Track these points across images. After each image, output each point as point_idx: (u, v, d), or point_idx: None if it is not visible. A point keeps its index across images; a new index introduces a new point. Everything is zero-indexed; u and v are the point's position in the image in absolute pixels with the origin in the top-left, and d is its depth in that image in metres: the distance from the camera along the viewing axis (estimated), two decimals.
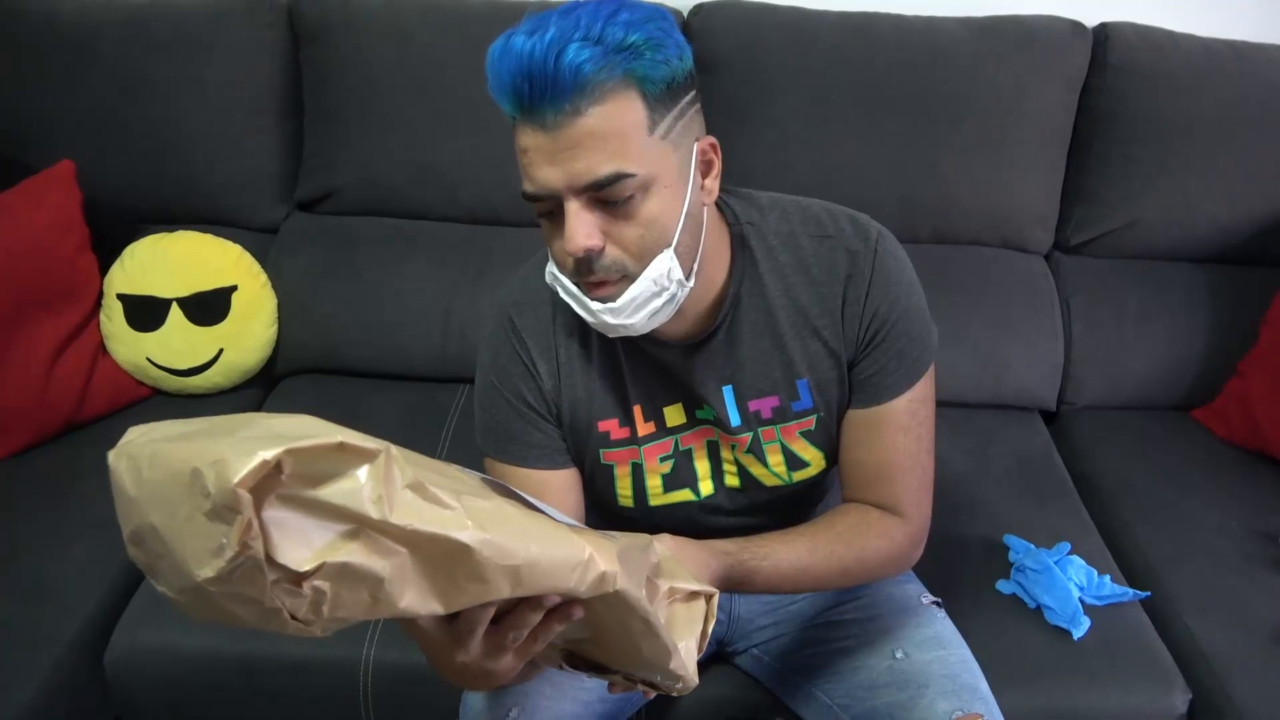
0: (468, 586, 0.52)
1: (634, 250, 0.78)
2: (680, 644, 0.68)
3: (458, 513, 0.51)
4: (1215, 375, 1.61)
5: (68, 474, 1.40)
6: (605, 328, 0.83)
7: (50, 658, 1.15)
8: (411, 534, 0.49)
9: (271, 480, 0.44)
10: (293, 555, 0.46)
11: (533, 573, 0.54)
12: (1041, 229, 1.69)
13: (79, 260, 1.52)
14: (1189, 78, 1.58)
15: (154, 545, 0.48)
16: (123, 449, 0.50)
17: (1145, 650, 1.20)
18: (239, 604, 0.47)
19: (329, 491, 0.46)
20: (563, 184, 0.74)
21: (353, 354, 1.63)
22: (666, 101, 0.76)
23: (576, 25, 0.71)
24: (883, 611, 1.03)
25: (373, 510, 0.47)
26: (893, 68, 1.58)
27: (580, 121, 0.72)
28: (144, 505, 0.48)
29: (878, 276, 0.88)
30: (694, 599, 0.72)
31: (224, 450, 0.44)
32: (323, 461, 0.46)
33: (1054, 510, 1.40)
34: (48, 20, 1.61)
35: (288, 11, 1.65)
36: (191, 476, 0.44)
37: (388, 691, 1.18)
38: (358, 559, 0.47)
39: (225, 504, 0.43)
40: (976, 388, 1.60)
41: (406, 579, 0.50)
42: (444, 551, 0.50)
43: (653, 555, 0.68)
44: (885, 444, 0.92)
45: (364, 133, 1.64)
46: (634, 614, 0.63)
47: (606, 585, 0.58)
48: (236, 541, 0.44)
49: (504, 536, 0.52)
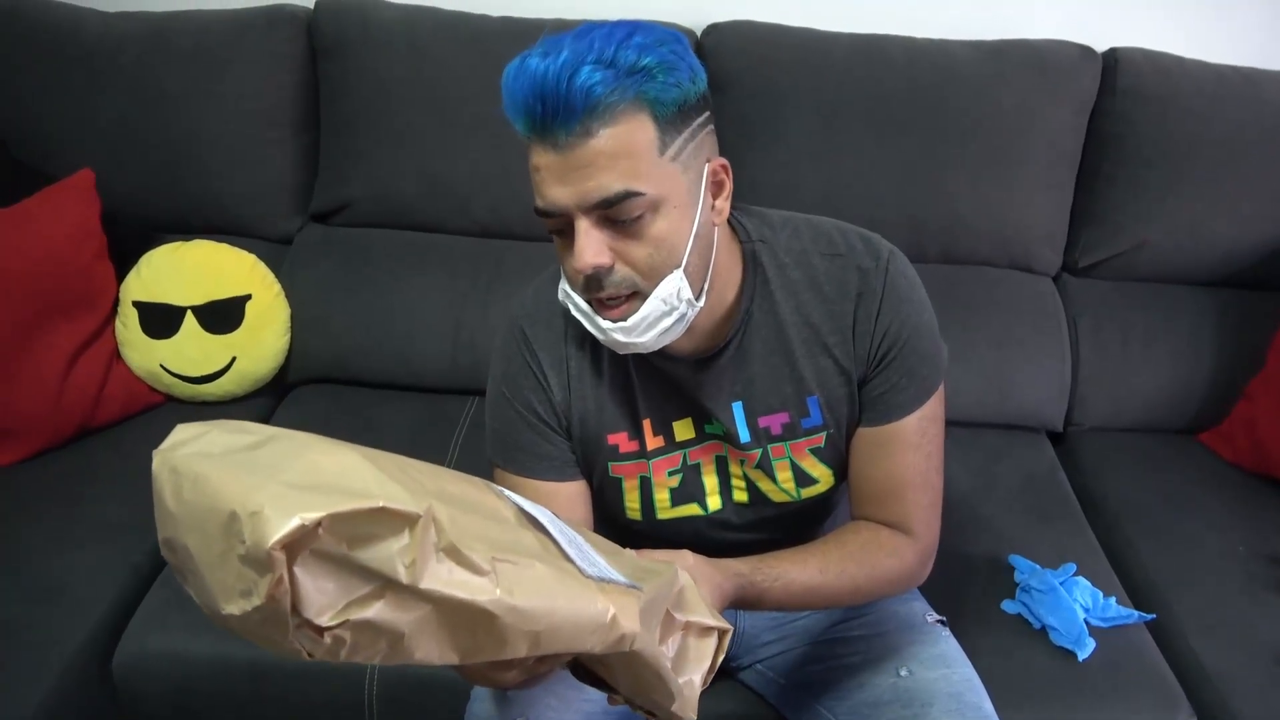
0: (486, 645, 0.53)
1: (643, 269, 0.79)
2: (685, 678, 0.68)
3: (488, 579, 0.51)
4: (1222, 398, 1.61)
5: (80, 479, 1.42)
6: (616, 345, 0.84)
7: (59, 661, 1.16)
8: (438, 599, 0.49)
9: (308, 537, 0.45)
10: (317, 611, 0.46)
11: (553, 637, 0.55)
12: (1050, 250, 1.69)
13: (96, 267, 1.54)
14: (1198, 102, 1.59)
15: (186, 561, 0.49)
16: (167, 456, 0.51)
17: (1150, 672, 1.20)
18: (259, 636, 0.48)
19: (364, 556, 0.47)
20: (573, 202, 0.76)
21: (364, 364, 1.64)
22: (677, 123, 0.77)
23: (590, 48, 0.72)
24: (888, 629, 1.03)
25: (404, 576, 0.48)
26: (903, 89, 1.59)
27: (591, 142, 0.73)
28: (181, 524, 0.49)
29: (889, 295, 0.89)
30: (707, 634, 0.72)
31: (264, 501, 0.44)
32: (362, 524, 0.46)
33: (1060, 531, 1.40)
34: (71, 33, 1.63)
35: (306, 26, 1.67)
36: (229, 519, 0.45)
37: (393, 698, 1.19)
38: (380, 616, 0.48)
39: (258, 559, 0.44)
40: (983, 407, 1.60)
41: (427, 634, 0.50)
42: (467, 614, 0.51)
43: (677, 585, 0.69)
44: (895, 462, 0.92)
45: (379, 146, 1.66)
46: (646, 666, 0.63)
47: (624, 645, 0.59)
48: (264, 594, 0.44)
49: (530, 602, 0.53)
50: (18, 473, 1.43)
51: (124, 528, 1.31)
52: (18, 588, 1.23)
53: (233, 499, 0.45)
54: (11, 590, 1.22)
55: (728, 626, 0.73)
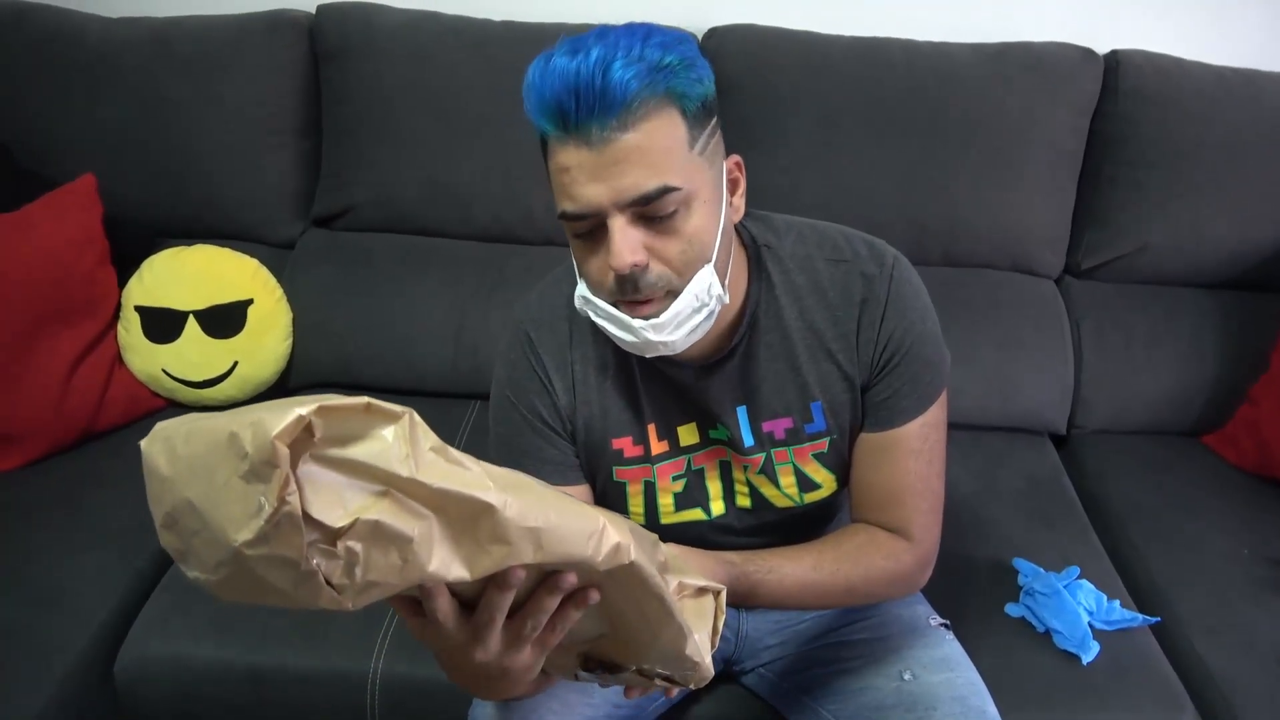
0: (491, 549, 0.53)
1: (677, 265, 0.79)
2: (693, 634, 0.69)
3: (479, 474, 0.52)
4: (1226, 401, 1.61)
5: (82, 484, 1.42)
6: (647, 346, 0.83)
7: (61, 667, 1.16)
8: (437, 493, 0.50)
9: (305, 442, 0.46)
10: (327, 512, 0.47)
11: (552, 537, 0.55)
12: (1052, 253, 1.69)
13: (98, 272, 1.54)
14: (1199, 104, 1.59)
15: (188, 523, 0.49)
16: (154, 435, 0.52)
17: (1154, 675, 1.20)
18: (274, 570, 0.47)
19: (359, 451, 0.48)
20: (608, 200, 0.75)
21: (366, 369, 1.64)
22: (702, 119, 0.78)
23: (617, 45, 0.73)
24: (891, 632, 1.03)
25: (401, 468, 0.49)
26: (903, 92, 1.59)
27: (626, 137, 0.73)
28: (179, 482, 0.49)
29: (893, 302, 0.89)
30: (702, 595, 0.72)
31: (260, 413, 0.46)
32: (352, 422, 0.48)
33: (1063, 534, 1.40)
34: (73, 39, 1.63)
35: (308, 31, 1.67)
36: (229, 440, 0.46)
37: (395, 704, 1.19)
38: (387, 518, 0.49)
39: (263, 459, 0.45)
40: (986, 410, 1.60)
41: (433, 541, 0.51)
42: (468, 513, 0.52)
43: (660, 553, 0.69)
44: (896, 467, 0.92)
45: (380, 151, 1.66)
46: (649, 592, 0.63)
47: (622, 556, 0.59)
48: (275, 497, 0.45)
49: (523, 500, 0.54)
50: (20, 478, 1.43)
51: (126, 533, 1.31)
52: (20, 592, 1.23)
53: (230, 424, 0.47)
54: (14, 595, 1.22)
55: (720, 586, 0.73)
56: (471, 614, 0.60)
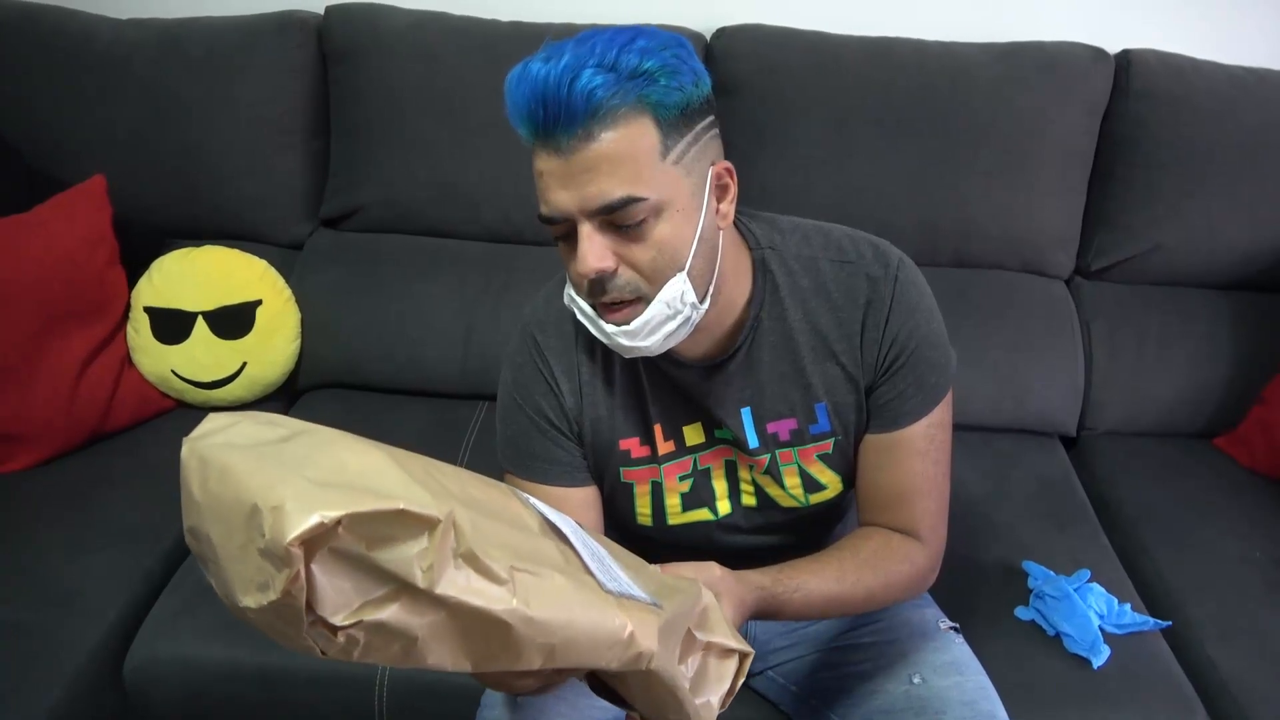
0: (500, 655, 0.53)
1: (646, 272, 0.79)
2: (702, 699, 0.68)
3: (505, 588, 0.51)
4: (1238, 403, 1.60)
5: (92, 484, 1.42)
6: (621, 349, 0.84)
7: (71, 666, 1.17)
8: (454, 605, 0.49)
9: (327, 535, 0.45)
10: (332, 610, 0.46)
11: (568, 650, 0.54)
12: (1063, 253, 1.68)
13: (108, 273, 1.54)
14: (1211, 104, 1.57)
15: (208, 550, 0.49)
16: (196, 445, 0.51)
17: (1166, 680, 1.19)
18: (275, 629, 0.48)
19: (382, 557, 0.47)
20: (575, 207, 0.76)
21: (374, 369, 1.65)
22: (680, 127, 0.77)
23: (591, 52, 0.72)
24: (900, 636, 1.02)
25: (420, 580, 0.48)
26: (913, 92, 1.59)
27: (593, 146, 0.73)
28: (205, 514, 0.49)
29: (898, 303, 0.89)
30: (728, 655, 0.71)
31: (286, 496, 0.44)
32: (381, 525, 0.46)
33: (1074, 536, 1.39)
34: (84, 39, 1.64)
35: (317, 33, 1.68)
36: (251, 512, 0.45)
37: (403, 705, 1.19)
38: (394, 619, 0.48)
39: (277, 554, 0.44)
40: (996, 412, 1.59)
41: (440, 639, 0.50)
42: (482, 622, 0.51)
43: (700, 604, 0.68)
44: (903, 468, 0.92)
45: (389, 152, 1.66)
46: (662, 685, 0.63)
47: (641, 664, 0.58)
48: (281, 589, 0.45)
49: (547, 613, 0.52)
50: (30, 478, 1.44)
51: (136, 533, 1.31)
52: (30, 593, 1.23)
53: (256, 492, 0.45)
54: (23, 595, 1.23)
55: (749, 650, 0.72)
56: None
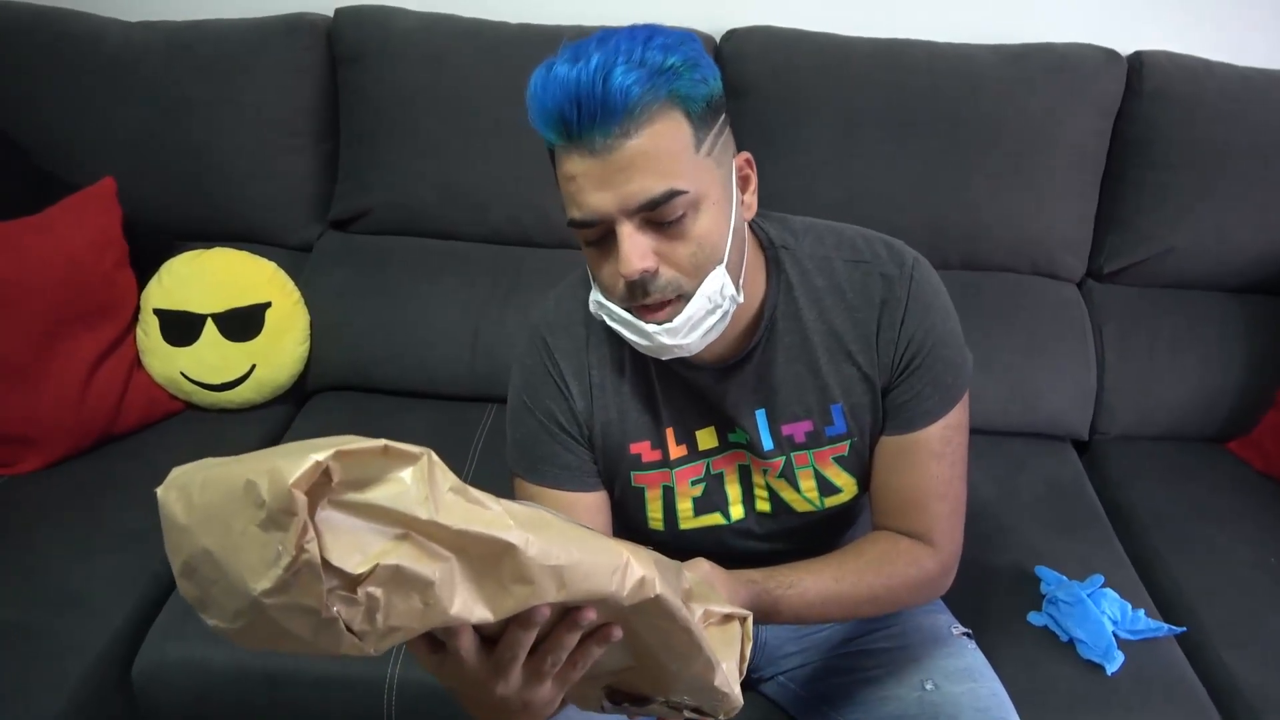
0: (514, 589, 0.53)
1: (687, 268, 0.78)
2: (721, 664, 0.67)
3: (500, 514, 0.51)
4: (1251, 407, 1.59)
5: (101, 486, 1.42)
6: (661, 350, 0.83)
7: (79, 669, 1.16)
8: (458, 535, 0.49)
9: (323, 486, 0.46)
10: (346, 558, 0.46)
11: (575, 575, 0.54)
12: (1074, 256, 1.67)
13: (117, 276, 1.54)
14: (1224, 106, 1.57)
15: (207, 573, 0.49)
16: (170, 483, 0.51)
17: (1180, 686, 1.18)
18: (294, 618, 0.47)
19: (377, 494, 0.47)
20: (615, 207, 0.75)
21: (382, 371, 1.65)
22: (708, 120, 0.77)
23: (617, 50, 0.72)
24: (912, 642, 1.02)
25: (421, 511, 0.48)
26: (924, 94, 1.58)
27: (630, 144, 0.73)
28: (196, 531, 0.48)
29: (913, 303, 0.88)
30: (728, 622, 0.71)
31: (275, 460, 0.45)
32: (369, 465, 0.47)
33: (1086, 541, 1.38)
34: (93, 42, 1.64)
35: (326, 35, 1.68)
36: (245, 488, 0.45)
37: (411, 710, 1.18)
38: (408, 562, 0.48)
39: (280, 508, 0.44)
40: (1007, 415, 1.58)
41: (455, 583, 0.50)
42: (490, 553, 0.51)
43: (684, 580, 0.68)
44: (918, 471, 0.91)
45: (398, 154, 1.66)
46: (675, 625, 0.62)
47: (647, 590, 0.58)
48: (293, 545, 0.44)
49: (545, 539, 0.53)
50: (39, 480, 1.44)
51: (144, 535, 1.31)
52: (38, 595, 1.23)
53: (246, 472, 0.46)
54: (32, 598, 1.23)
55: (746, 613, 0.72)
56: (493, 649, 0.59)
